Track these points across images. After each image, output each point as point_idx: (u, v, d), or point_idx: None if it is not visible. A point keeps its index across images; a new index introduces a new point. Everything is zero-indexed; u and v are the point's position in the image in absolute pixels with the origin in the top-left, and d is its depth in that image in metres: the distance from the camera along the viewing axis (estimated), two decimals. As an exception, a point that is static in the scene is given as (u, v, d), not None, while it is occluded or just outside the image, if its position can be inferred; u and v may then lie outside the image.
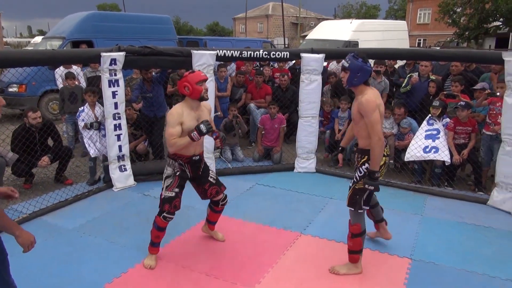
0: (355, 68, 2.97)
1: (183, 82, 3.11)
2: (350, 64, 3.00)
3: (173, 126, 3.06)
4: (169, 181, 3.22)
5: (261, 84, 6.79)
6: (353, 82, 3.02)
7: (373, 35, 12.89)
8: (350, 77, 3.00)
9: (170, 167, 3.25)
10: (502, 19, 22.07)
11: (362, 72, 2.98)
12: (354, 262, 3.24)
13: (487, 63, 4.98)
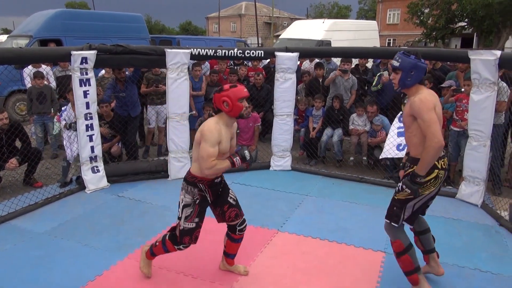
0: (408, 66, 2.67)
1: (222, 96, 2.69)
2: (402, 62, 2.69)
3: (213, 145, 2.62)
4: (189, 211, 2.81)
5: (235, 83, 6.78)
6: (406, 82, 2.70)
7: (345, 35, 13.13)
8: (403, 77, 2.69)
9: (189, 194, 2.80)
10: (467, 20, 22.89)
11: (416, 70, 2.67)
12: (416, 284, 2.85)
13: (455, 61, 5.17)
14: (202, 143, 2.64)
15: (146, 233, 3.84)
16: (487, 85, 4.27)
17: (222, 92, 2.71)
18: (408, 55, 2.72)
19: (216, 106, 2.74)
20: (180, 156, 5.31)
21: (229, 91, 2.71)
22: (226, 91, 2.71)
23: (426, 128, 2.54)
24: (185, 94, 5.18)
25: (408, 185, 2.64)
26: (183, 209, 2.83)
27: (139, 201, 4.63)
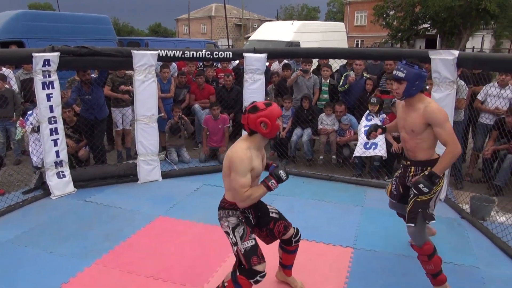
0: (413, 77, 2.71)
1: (260, 117, 2.38)
2: (407, 73, 2.72)
3: (245, 175, 2.38)
4: (241, 231, 2.58)
5: (203, 85, 6.76)
6: (411, 92, 2.75)
7: (314, 36, 13.32)
8: (408, 87, 2.73)
9: (232, 216, 2.60)
10: (429, 21, 23.73)
11: (420, 80, 2.74)
12: (441, 284, 2.91)
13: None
14: (232, 174, 2.39)
15: (114, 238, 3.77)
16: (447, 84, 4.45)
17: (258, 112, 2.40)
18: (412, 65, 2.75)
19: (250, 127, 2.44)
20: (149, 159, 5.24)
21: (267, 110, 2.41)
22: (263, 111, 2.40)
23: (447, 136, 2.68)
24: (153, 96, 5.12)
25: (427, 185, 2.72)
26: (234, 232, 2.58)
27: (107, 205, 4.54)
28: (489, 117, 5.21)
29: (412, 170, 2.96)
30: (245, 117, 2.45)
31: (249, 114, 2.43)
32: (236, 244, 2.58)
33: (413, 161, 2.95)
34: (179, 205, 4.59)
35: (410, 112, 2.85)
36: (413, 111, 2.82)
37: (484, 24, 23.90)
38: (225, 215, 2.62)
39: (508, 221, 4.09)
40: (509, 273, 3.30)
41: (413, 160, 2.95)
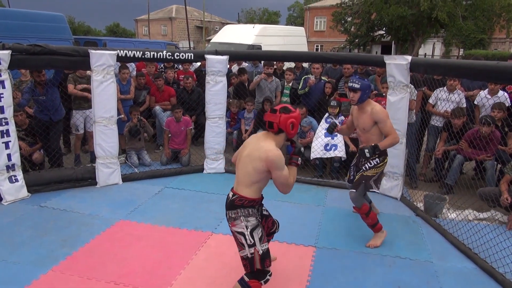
0: (365, 87, 3.58)
1: (291, 118, 2.56)
2: (361, 85, 3.57)
3: (284, 168, 2.55)
4: (260, 232, 2.61)
5: (162, 87, 6.66)
6: (363, 98, 3.60)
7: (275, 40, 13.49)
8: (362, 95, 3.59)
9: (252, 216, 2.61)
10: (385, 28, 24.73)
11: (369, 89, 3.61)
12: (379, 230, 3.75)
13: (373, 65, 5.57)
14: (275, 172, 2.51)
15: (72, 244, 3.64)
16: (401, 87, 4.66)
17: (291, 114, 2.58)
18: (363, 78, 3.65)
19: (280, 126, 2.55)
20: (108, 162, 5.10)
21: (296, 113, 2.62)
22: (294, 113, 2.60)
23: (388, 129, 3.60)
24: (112, 97, 4.98)
25: (370, 151, 3.52)
26: (252, 234, 2.58)
27: (64, 210, 4.37)
28: (439, 120, 5.51)
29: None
30: (277, 116, 2.55)
31: (282, 114, 2.55)
32: (253, 246, 2.57)
33: None
34: (140, 208, 4.49)
35: (361, 114, 3.71)
36: (363, 113, 3.68)
37: (435, 32, 25.21)
38: (245, 214, 2.60)
39: (458, 217, 4.34)
40: (460, 266, 3.51)
41: None
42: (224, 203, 2.72)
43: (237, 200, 2.60)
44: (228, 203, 2.66)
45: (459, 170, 5.16)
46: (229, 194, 2.69)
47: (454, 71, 4.05)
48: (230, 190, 2.70)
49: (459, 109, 5.15)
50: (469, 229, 3.83)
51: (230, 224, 2.66)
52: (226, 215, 2.69)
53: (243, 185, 2.61)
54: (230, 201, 2.64)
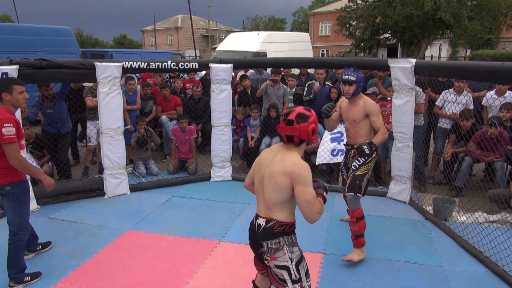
0: (360, 79, 3.49)
1: (311, 124, 2.23)
2: (357, 77, 3.46)
3: (311, 185, 2.19)
4: (305, 266, 2.31)
5: (169, 97, 6.71)
6: (358, 91, 3.51)
7: (280, 46, 13.53)
8: (357, 88, 3.48)
9: (295, 246, 2.28)
10: (390, 31, 24.66)
11: (362, 82, 3.54)
12: (361, 246, 3.51)
13: (377, 69, 5.54)
14: (300, 187, 2.13)
15: (80, 255, 3.67)
16: (406, 90, 4.64)
17: (309, 119, 2.23)
18: (357, 70, 3.50)
19: (302, 137, 2.23)
20: (116, 173, 5.14)
21: (313, 115, 2.27)
22: (312, 117, 2.26)
23: (380, 123, 3.47)
24: (118, 108, 5.04)
25: (368, 147, 3.32)
26: (298, 267, 2.24)
27: (72, 222, 4.40)
28: (447, 122, 5.46)
29: (352, 152, 3.60)
30: (296, 129, 2.20)
31: (300, 125, 2.21)
32: (299, 282, 2.24)
33: (353, 145, 3.57)
34: (148, 218, 4.51)
35: (353, 106, 3.60)
36: (355, 106, 3.58)
37: (440, 33, 25.08)
38: (288, 243, 2.23)
39: (468, 220, 4.28)
40: (471, 270, 3.45)
41: (353, 144, 3.60)
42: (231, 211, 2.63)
43: (276, 226, 2.21)
44: (262, 231, 2.23)
45: (468, 172, 5.10)
46: (257, 221, 2.28)
47: (459, 72, 4.03)
48: (256, 217, 2.30)
49: (467, 111, 5.10)
50: (480, 232, 3.77)
51: (268, 257, 2.23)
52: (258, 247, 2.26)
53: (277, 208, 2.22)
54: (267, 228, 2.22)
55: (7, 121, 2.92)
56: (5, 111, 3.00)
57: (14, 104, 3.10)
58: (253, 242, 2.33)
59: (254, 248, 2.33)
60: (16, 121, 3.01)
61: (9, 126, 2.91)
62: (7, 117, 2.95)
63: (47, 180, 3.19)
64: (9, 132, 2.91)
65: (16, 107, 3.17)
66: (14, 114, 3.10)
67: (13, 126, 2.94)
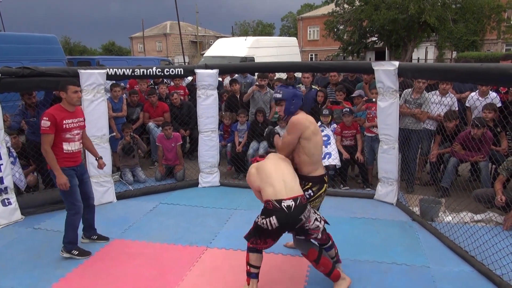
0: (290, 95, 3.02)
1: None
2: (283, 93, 3.03)
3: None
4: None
5: (156, 103, 6.68)
6: (291, 110, 3.04)
7: (268, 51, 13.59)
8: (287, 106, 3.03)
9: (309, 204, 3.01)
10: (377, 35, 24.93)
11: (296, 98, 3.04)
12: (337, 278, 3.09)
13: (361, 72, 5.59)
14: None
15: (66, 265, 3.61)
16: (390, 93, 4.68)
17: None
18: (286, 86, 3.05)
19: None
20: (102, 181, 5.08)
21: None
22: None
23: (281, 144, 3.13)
24: (103, 115, 4.99)
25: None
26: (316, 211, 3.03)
27: (58, 231, 4.32)
28: (431, 123, 5.50)
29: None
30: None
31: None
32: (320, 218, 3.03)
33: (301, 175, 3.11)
34: (134, 226, 4.47)
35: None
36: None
37: (426, 36, 25.42)
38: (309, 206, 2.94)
39: (454, 220, 4.31)
40: (457, 269, 3.47)
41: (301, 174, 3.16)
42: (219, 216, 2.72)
43: (303, 199, 2.82)
44: (295, 210, 2.75)
45: (454, 172, 5.15)
46: (287, 204, 2.75)
47: (441, 74, 4.07)
48: (285, 200, 2.76)
49: (451, 112, 5.16)
50: (465, 232, 3.80)
51: (308, 224, 2.83)
52: (296, 224, 2.80)
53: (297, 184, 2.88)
54: (299, 206, 2.77)
55: (46, 115, 3.50)
56: (54, 108, 3.61)
57: (69, 101, 3.63)
58: (287, 224, 2.80)
59: (291, 227, 2.85)
60: (55, 116, 3.50)
61: (45, 120, 3.47)
62: (48, 112, 3.53)
63: (59, 178, 3.53)
64: (44, 125, 3.47)
65: (72, 104, 3.66)
66: (66, 110, 3.62)
67: (49, 120, 3.46)
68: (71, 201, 3.68)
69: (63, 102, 3.65)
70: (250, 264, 2.98)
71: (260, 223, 2.82)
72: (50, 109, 3.62)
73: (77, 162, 3.76)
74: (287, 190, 2.79)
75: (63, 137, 3.59)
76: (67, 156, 3.64)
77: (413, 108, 5.17)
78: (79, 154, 3.81)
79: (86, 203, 3.88)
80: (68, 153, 3.65)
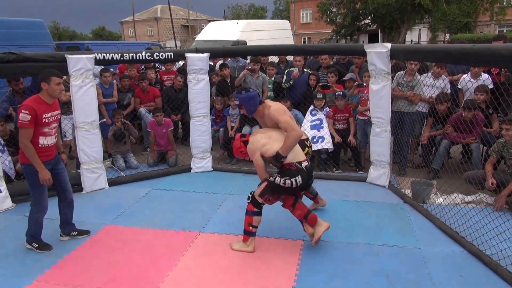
0: (245, 100, 3.49)
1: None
2: (240, 100, 3.52)
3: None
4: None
5: (147, 88, 6.59)
6: (251, 109, 3.52)
7: (260, 35, 13.44)
8: (247, 108, 3.51)
9: None
10: (370, 17, 24.72)
11: (252, 99, 3.48)
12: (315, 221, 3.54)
13: (353, 55, 5.54)
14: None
15: (57, 252, 3.60)
16: (382, 75, 4.65)
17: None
18: (240, 92, 3.53)
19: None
20: (93, 167, 5.03)
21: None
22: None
23: (285, 125, 3.31)
24: (92, 101, 4.91)
25: (273, 161, 3.33)
26: None
27: (49, 218, 4.26)
28: (424, 105, 5.50)
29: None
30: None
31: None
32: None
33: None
34: (126, 212, 4.45)
35: (264, 118, 3.57)
36: (265, 117, 3.54)
37: (420, 18, 25.25)
38: None
39: (445, 202, 4.35)
40: (448, 250, 3.51)
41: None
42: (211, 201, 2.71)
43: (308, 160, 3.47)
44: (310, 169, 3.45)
45: (445, 154, 5.17)
46: (305, 164, 3.35)
47: (432, 55, 4.03)
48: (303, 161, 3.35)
49: (443, 95, 5.15)
50: (456, 213, 3.84)
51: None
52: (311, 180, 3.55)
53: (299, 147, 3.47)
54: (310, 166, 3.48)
55: (26, 108, 3.24)
56: (33, 100, 3.32)
57: (50, 94, 3.37)
58: (307, 182, 3.43)
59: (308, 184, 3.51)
60: (36, 110, 3.25)
61: (25, 113, 3.22)
62: (28, 104, 3.26)
63: (42, 173, 3.35)
64: (23, 118, 3.22)
65: (53, 97, 3.42)
66: (45, 103, 3.35)
67: (29, 114, 3.21)
68: (39, 198, 3.52)
69: (43, 93, 3.36)
70: (252, 225, 3.45)
71: (282, 183, 3.29)
72: (29, 100, 3.32)
73: (51, 155, 3.54)
74: (300, 153, 3.39)
75: (40, 131, 3.36)
76: (42, 150, 3.42)
77: (406, 91, 5.15)
78: (54, 147, 3.61)
79: (63, 195, 3.75)
80: (43, 147, 3.43)
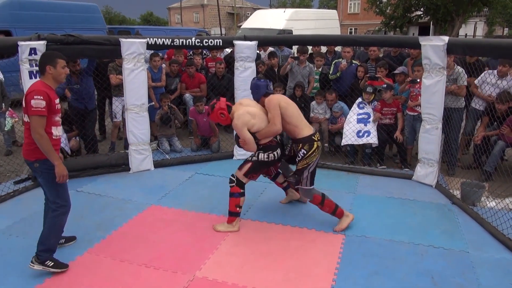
0: (251, 86, 3.92)
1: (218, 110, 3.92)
2: (250, 84, 3.95)
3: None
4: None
5: (193, 74, 6.69)
6: (255, 97, 3.90)
7: (306, 24, 13.25)
8: (253, 94, 3.92)
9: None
10: (423, 8, 23.62)
11: (257, 88, 3.86)
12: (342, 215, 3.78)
13: (405, 47, 5.32)
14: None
15: (106, 227, 3.77)
16: (437, 70, 4.44)
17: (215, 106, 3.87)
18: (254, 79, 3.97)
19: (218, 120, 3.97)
20: (141, 149, 5.21)
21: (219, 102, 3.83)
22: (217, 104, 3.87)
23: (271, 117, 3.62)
24: (143, 84, 5.06)
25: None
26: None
27: (98, 195, 4.52)
28: (480, 103, 5.21)
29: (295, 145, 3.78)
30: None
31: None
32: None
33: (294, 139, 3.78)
34: (171, 194, 4.58)
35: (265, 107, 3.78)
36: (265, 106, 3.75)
37: (477, 10, 23.84)
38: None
39: (498, 206, 4.13)
40: (498, 256, 3.35)
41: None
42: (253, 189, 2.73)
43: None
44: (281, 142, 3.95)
45: (499, 156, 4.90)
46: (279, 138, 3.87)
47: (496, 51, 3.80)
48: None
49: (506, 94, 4.83)
50: (510, 219, 3.63)
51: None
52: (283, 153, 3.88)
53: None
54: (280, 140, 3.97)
55: (39, 93, 2.79)
56: (42, 85, 2.88)
57: (56, 78, 2.96)
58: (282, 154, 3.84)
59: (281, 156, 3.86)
60: (49, 95, 2.84)
61: (39, 98, 2.76)
62: (40, 89, 2.82)
63: (60, 168, 2.86)
64: (38, 104, 2.76)
65: (58, 82, 3.01)
66: (52, 89, 2.94)
67: (44, 99, 2.78)
68: (64, 195, 3.07)
69: (47, 77, 2.92)
70: (239, 206, 3.70)
71: (266, 158, 3.67)
72: (38, 85, 2.88)
73: (58, 149, 3.08)
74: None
75: (53, 119, 2.93)
76: (55, 143, 2.98)
77: (449, 86, 4.89)
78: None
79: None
80: (56, 139, 3.00)
